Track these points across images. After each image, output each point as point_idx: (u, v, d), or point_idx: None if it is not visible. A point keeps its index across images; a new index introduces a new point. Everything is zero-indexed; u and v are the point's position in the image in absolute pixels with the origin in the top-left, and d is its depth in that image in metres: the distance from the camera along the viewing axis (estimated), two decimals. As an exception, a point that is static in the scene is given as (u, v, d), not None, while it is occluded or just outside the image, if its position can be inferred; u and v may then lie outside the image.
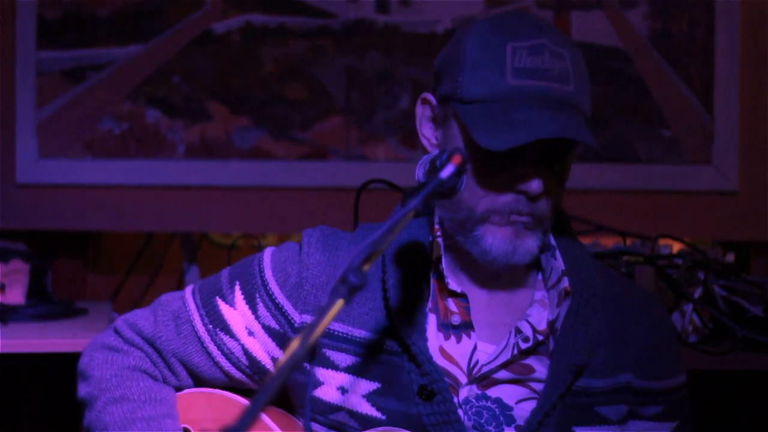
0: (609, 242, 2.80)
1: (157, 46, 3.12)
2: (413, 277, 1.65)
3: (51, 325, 2.70)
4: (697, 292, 2.51)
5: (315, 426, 1.68)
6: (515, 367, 1.62)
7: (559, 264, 1.65)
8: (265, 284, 1.69)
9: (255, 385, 1.74)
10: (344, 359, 1.64)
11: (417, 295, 1.64)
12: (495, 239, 1.58)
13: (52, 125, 3.10)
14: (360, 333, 1.64)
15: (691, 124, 3.10)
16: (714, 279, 2.51)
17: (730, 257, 2.76)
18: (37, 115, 3.09)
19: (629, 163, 3.10)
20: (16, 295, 2.77)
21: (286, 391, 1.74)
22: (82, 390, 1.73)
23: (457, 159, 1.48)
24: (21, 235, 3.03)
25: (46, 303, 2.86)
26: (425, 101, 1.66)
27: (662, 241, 2.72)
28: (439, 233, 1.66)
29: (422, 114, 1.66)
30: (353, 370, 1.64)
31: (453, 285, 1.63)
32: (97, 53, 3.11)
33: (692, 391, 1.76)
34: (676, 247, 2.73)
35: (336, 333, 1.64)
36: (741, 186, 3.07)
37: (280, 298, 1.68)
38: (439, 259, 1.64)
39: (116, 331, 1.76)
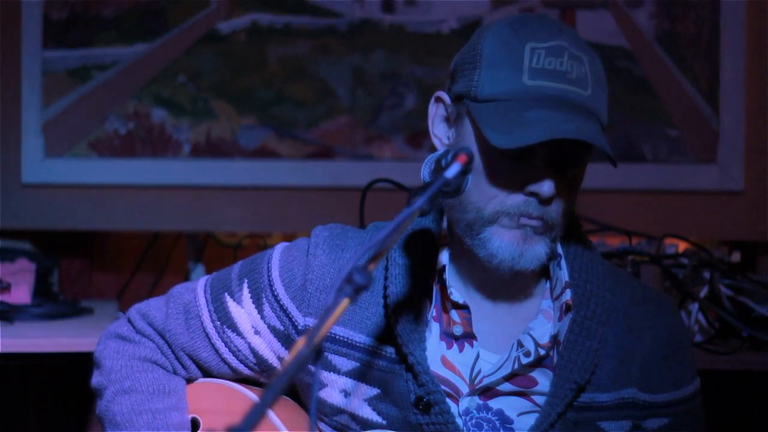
0: (615, 242, 2.79)
1: (163, 46, 3.12)
2: (417, 284, 1.62)
3: (57, 325, 2.70)
4: (703, 292, 2.51)
5: (321, 426, 1.69)
6: (518, 379, 1.60)
7: (564, 275, 1.62)
8: (271, 285, 1.68)
9: (264, 380, 1.74)
10: (345, 363, 1.63)
11: (419, 302, 1.61)
12: (502, 242, 1.53)
13: (58, 125, 3.10)
14: (360, 338, 1.63)
15: (696, 124, 3.10)
16: (720, 278, 2.51)
17: (736, 257, 2.76)
18: (43, 114, 3.10)
19: (635, 162, 3.09)
20: (22, 295, 2.77)
21: (296, 389, 1.74)
22: (95, 378, 1.75)
23: (462, 158, 1.44)
24: (27, 234, 3.03)
25: (52, 302, 2.86)
26: (439, 99, 1.62)
27: (668, 241, 2.71)
28: (446, 240, 1.64)
29: (435, 113, 1.63)
30: (354, 375, 1.63)
31: (456, 295, 1.60)
32: (102, 53, 3.12)
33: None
34: (682, 246, 2.73)
35: (337, 337, 1.63)
36: (747, 185, 3.06)
37: (285, 300, 1.67)
38: (443, 268, 1.62)
39: (129, 321, 1.76)
